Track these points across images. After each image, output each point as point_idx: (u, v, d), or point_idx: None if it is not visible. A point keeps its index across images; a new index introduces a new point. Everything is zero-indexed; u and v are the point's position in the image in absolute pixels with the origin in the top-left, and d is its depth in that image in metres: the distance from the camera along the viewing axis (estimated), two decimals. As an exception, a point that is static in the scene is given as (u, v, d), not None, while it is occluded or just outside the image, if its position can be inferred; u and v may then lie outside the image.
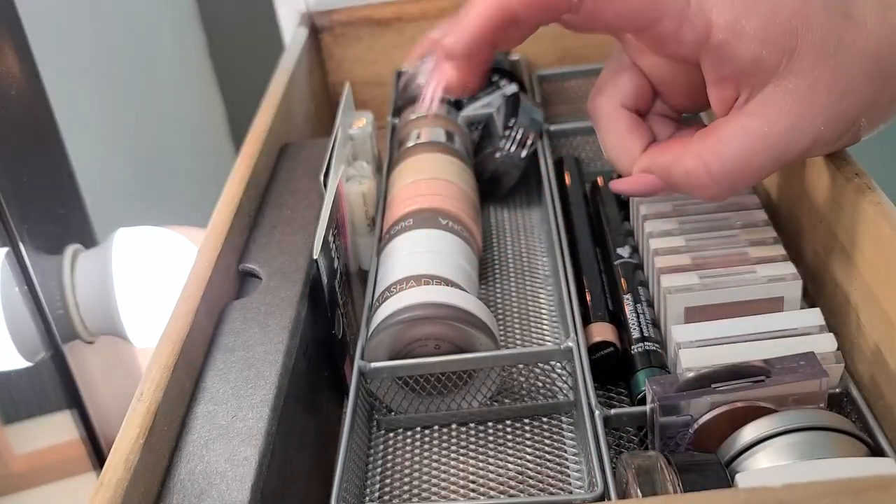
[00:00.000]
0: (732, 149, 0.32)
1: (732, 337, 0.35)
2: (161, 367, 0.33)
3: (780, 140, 0.32)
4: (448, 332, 0.38)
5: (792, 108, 0.31)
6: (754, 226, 0.40)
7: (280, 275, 0.41)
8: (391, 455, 0.39)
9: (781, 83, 0.31)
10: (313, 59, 0.68)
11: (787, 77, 0.31)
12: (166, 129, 1.15)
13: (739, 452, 0.31)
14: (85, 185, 0.75)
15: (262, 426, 0.32)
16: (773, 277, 0.37)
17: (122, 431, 0.31)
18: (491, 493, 0.36)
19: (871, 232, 0.34)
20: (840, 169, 0.37)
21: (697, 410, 0.32)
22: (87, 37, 0.96)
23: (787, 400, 0.32)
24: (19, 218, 0.64)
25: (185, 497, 0.30)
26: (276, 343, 0.36)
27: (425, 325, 0.38)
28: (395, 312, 0.38)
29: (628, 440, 0.37)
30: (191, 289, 0.37)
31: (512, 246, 0.51)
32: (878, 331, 0.34)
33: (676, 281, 0.37)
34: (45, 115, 0.71)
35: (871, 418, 0.33)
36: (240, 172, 0.46)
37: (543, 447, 0.38)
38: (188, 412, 0.34)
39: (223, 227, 0.41)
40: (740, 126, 0.32)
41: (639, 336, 0.39)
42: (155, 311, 0.69)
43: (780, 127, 0.32)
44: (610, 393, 0.40)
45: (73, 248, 0.71)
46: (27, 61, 0.69)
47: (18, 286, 0.65)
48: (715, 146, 0.33)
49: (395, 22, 0.69)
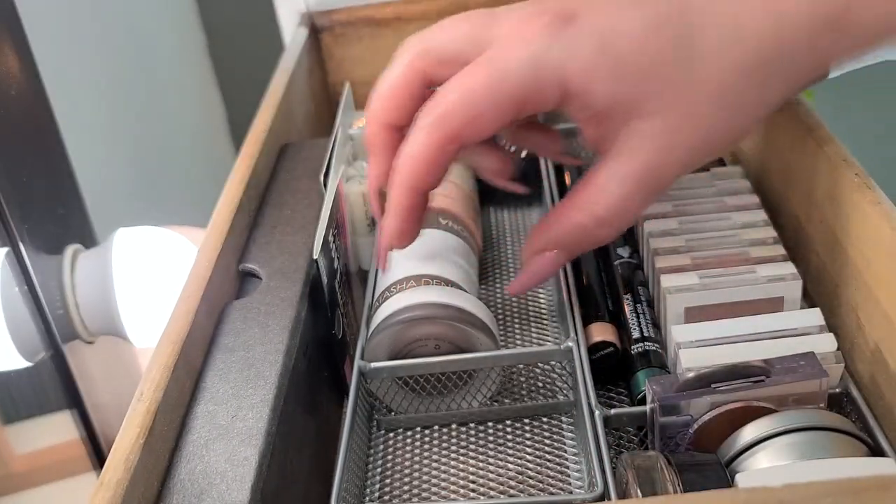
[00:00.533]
0: (612, 193, 0.34)
1: (732, 337, 0.35)
2: (161, 367, 0.33)
3: (650, 175, 0.34)
4: (448, 332, 0.38)
5: (654, 145, 0.33)
6: (754, 226, 0.40)
7: (280, 275, 0.41)
8: (391, 455, 0.39)
9: (641, 122, 0.33)
10: (313, 59, 0.68)
11: (645, 116, 0.33)
12: (166, 129, 1.15)
13: (739, 452, 0.31)
14: (85, 185, 0.75)
15: (262, 426, 0.32)
16: (773, 277, 0.37)
17: (122, 431, 0.31)
18: (491, 493, 0.36)
19: (871, 232, 0.34)
20: (840, 169, 0.37)
21: (697, 410, 0.32)
22: (87, 37, 0.96)
23: (787, 400, 0.32)
24: (19, 218, 0.64)
25: (185, 497, 0.30)
26: (276, 343, 0.36)
27: (425, 325, 0.38)
28: (395, 312, 0.38)
29: (628, 440, 0.37)
30: (191, 289, 0.37)
31: (512, 246, 0.51)
32: (878, 331, 0.34)
33: (676, 281, 0.37)
34: (45, 115, 0.71)
35: (871, 418, 0.33)
36: (240, 172, 0.46)
37: (543, 447, 0.38)
38: (188, 412, 0.34)
39: (223, 227, 0.41)
40: (613, 170, 0.34)
41: (639, 336, 0.39)
42: (155, 311, 0.69)
43: (647, 164, 0.33)
44: (610, 393, 0.40)
45: (73, 248, 0.71)
46: (27, 61, 0.69)
47: (18, 286, 0.65)
48: (596, 197, 0.34)
49: (395, 22, 0.69)
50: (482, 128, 0.34)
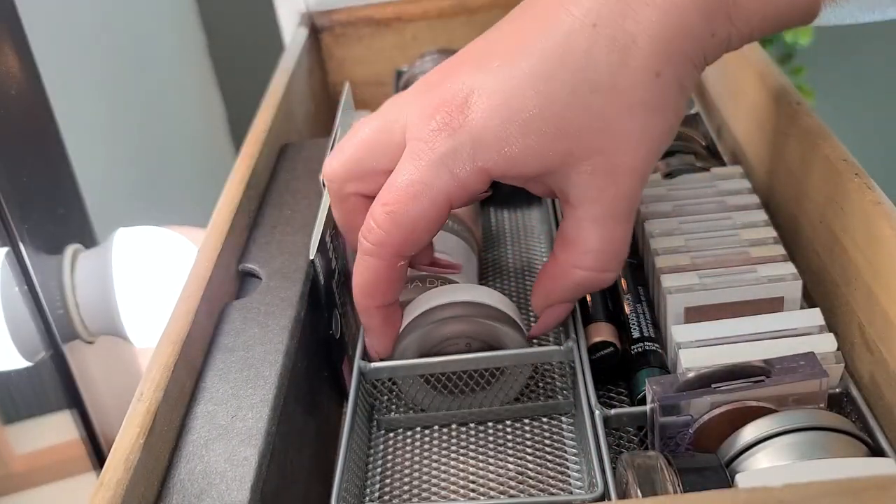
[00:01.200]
0: (595, 243, 0.34)
1: (732, 337, 0.35)
2: (161, 367, 0.33)
3: (619, 205, 0.34)
4: (478, 330, 0.38)
5: (606, 180, 0.33)
6: (754, 226, 0.40)
7: (280, 275, 0.41)
8: (391, 455, 0.39)
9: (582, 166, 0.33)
10: (313, 59, 0.68)
11: (582, 160, 0.33)
12: (166, 129, 1.15)
13: (739, 452, 0.31)
14: (85, 185, 0.75)
15: (261, 426, 0.32)
16: (773, 277, 0.37)
17: (122, 431, 0.31)
18: (491, 493, 0.36)
19: (871, 232, 0.34)
20: (840, 169, 0.37)
21: (697, 410, 0.32)
22: (87, 37, 0.96)
23: (787, 400, 0.32)
24: (19, 218, 0.64)
25: (184, 497, 0.30)
26: (276, 343, 0.36)
27: (456, 324, 0.38)
28: (425, 312, 0.38)
29: (628, 440, 0.37)
30: (191, 289, 0.37)
31: (512, 246, 0.51)
32: (878, 331, 0.34)
33: (676, 281, 0.37)
34: (45, 115, 0.71)
35: (871, 418, 0.33)
36: (240, 172, 0.46)
37: (543, 447, 0.38)
38: (188, 412, 0.34)
39: (223, 227, 0.41)
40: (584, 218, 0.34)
41: (639, 336, 0.39)
42: (155, 311, 0.69)
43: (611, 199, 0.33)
44: (610, 393, 0.40)
45: (73, 248, 0.71)
46: (27, 61, 0.69)
47: (18, 286, 0.65)
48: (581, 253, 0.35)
49: (395, 22, 0.69)
50: (421, 237, 0.35)
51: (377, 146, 0.35)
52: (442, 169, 0.33)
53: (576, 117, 0.32)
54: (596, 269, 0.35)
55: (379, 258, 0.35)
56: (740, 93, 0.51)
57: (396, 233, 0.34)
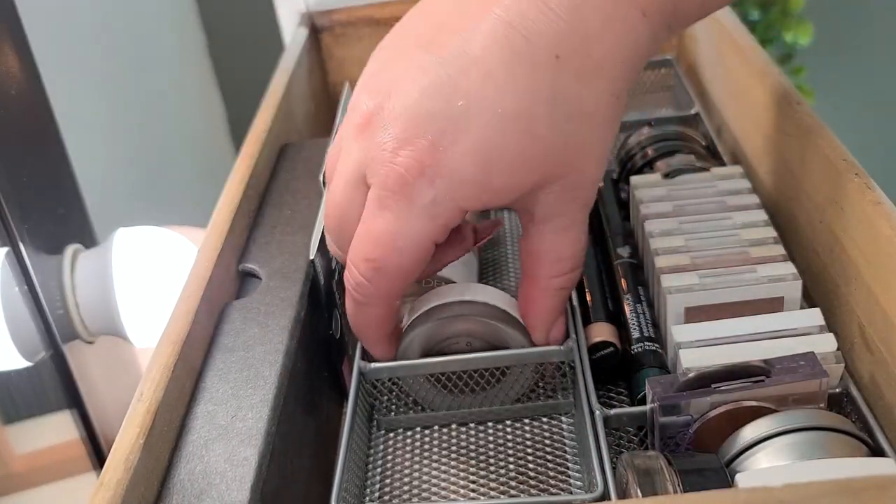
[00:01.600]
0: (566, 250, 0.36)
1: (732, 337, 0.35)
2: (161, 367, 0.33)
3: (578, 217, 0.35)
4: (480, 329, 0.38)
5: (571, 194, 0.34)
6: (754, 226, 0.40)
7: (280, 275, 0.41)
8: (391, 455, 0.39)
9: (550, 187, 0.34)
10: (313, 59, 0.68)
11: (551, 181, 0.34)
12: (166, 129, 1.15)
13: (739, 452, 0.31)
14: (85, 185, 0.75)
15: (261, 426, 0.32)
16: (773, 277, 0.37)
17: (122, 431, 0.31)
18: (491, 493, 0.36)
19: (871, 232, 0.34)
20: (840, 169, 0.37)
21: (697, 410, 0.32)
22: (87, 37, 0.96)
23: (787, 400, 0.32)
24: (19, 218, 0.64)
25: (184, 497, 0.30)
26: (276, 343, 0.36)
27: (460, 323, 0.38)
28: (430, 310, 0.38)
29: (628, 440, 0.37)
30: (191, 289, 0.37)
31: (512, 246, 0.51)
32: (878, 331, 0.34)
33: (676, 281, 0.37)
34: (45, 115, 0.71)
35: (871, 418, 0.33)
36: (240, 172, 0.46)
37: (543, 447, 0.38)
38: (188, 412, 0.34)
39: (223, 227, 0.41)
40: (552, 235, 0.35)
41: (639, 336, 0.39)
42: (155, 311, 0.69)
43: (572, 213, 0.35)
44: (610, 393, 0.40)
45: (73, 248, 0.71)
46: (27, 61, 0.69)
47: (18, 286, 0.65)
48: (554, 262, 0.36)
49: (395, 22, 0.69)
50: (411, 278, 0.35)
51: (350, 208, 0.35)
52: (423, 218, 0.33)
53: (554, 147, 0.33)
54: (571, 270, 0.36)
55: (372, 306, 0.36)
56: (740, 93, 0.51)
57: (386, 283, 0.34)
